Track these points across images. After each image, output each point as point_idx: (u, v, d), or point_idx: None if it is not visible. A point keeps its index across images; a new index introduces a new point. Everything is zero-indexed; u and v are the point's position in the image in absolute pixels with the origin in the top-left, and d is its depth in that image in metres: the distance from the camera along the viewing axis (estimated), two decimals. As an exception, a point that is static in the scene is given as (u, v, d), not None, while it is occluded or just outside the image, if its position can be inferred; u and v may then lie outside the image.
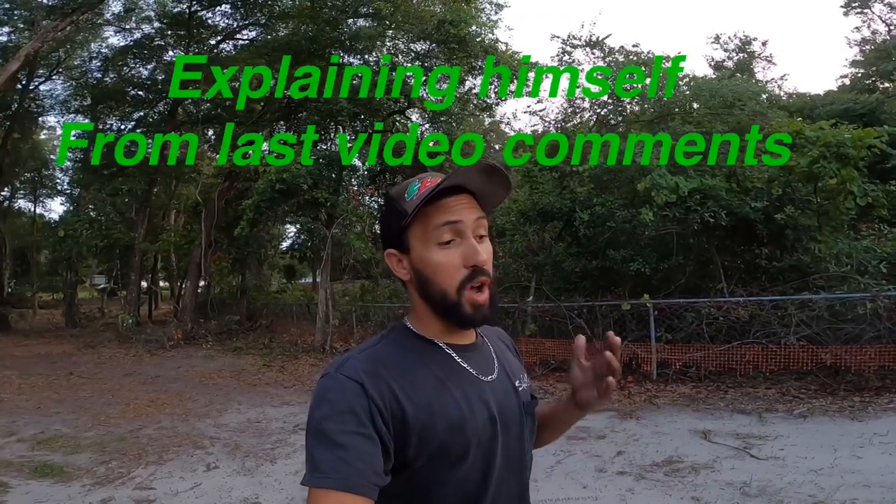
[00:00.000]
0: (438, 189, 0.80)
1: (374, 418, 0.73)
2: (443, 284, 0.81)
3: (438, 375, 0.81)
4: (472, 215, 0.82)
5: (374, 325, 10.14)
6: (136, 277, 15.18)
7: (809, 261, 6.43)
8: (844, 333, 5.64)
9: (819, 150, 5.98)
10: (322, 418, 0.74)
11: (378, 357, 0.81)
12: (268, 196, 9.47)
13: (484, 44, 11.00)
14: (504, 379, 0.89)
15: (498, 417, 0.83)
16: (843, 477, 3.40)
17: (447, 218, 0.81)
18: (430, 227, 0.81)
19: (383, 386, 0.76)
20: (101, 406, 6.45)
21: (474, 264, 0.81)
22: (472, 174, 0.82)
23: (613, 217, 7.24)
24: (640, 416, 5.19)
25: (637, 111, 9.42)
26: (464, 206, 0.82)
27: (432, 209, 0.81)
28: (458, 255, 0.81)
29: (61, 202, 25.00)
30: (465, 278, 0.81)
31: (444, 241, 0.81)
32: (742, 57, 19.41)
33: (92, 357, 10.69)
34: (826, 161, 5.93)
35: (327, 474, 0.70)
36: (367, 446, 0.72)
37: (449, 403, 0.79)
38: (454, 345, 0.86)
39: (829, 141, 5.98)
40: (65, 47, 15.53)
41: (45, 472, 4.12)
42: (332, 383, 0.77)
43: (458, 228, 0.81)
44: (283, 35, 13.05)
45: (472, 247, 0.81)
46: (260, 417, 5.84)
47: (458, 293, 0.81)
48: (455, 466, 0.78)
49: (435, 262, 0.81)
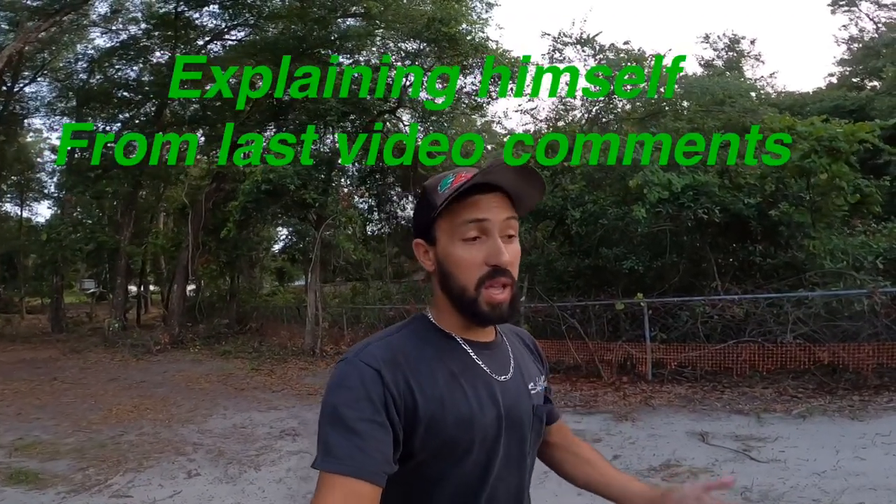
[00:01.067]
0: (471, 185, 0.79)
1: (388, 407, 0.74)
2: (462, 280, 0.82)
3: (452, 370, 0.82)
4: (501, 214, 0.82)
5: (365, 328, 10.00)
6: (122, 281, 14.94)
7: (804, 257, 6.36)
8: (841, 331, 5.57)
9: (810, 144, 5.91)
10: (339, 404, 0.74)
11: (396, 346, 0.81)
12: (254, 197, 9.31)
13: (475, 42, 10.91)
14: (518, 380, 0.90)
15: (504, 416, 0.83)
16: (847, 479, 3.30)
17: (474, 215, 0.81)
18: (456, 221, 0.82)
19: (399, 375, 0.77)
20: (82, 412, 6.32)
21: (496, 264, 0.80)
22: (505, 173, 0.81)
23: (606, 215, 7.16)
24: (636, 418, 5.08)
25: (628, 109, 9.36)
26: (494, 204, 0.82)
27: (462, 204, 0.81)
28: (481, 253, 0.81)
29: (48, 205, 24.60)
30: (484, 276, 0.81)
31: (470, 238, 0.81)
32: (731, 55, 19.50)
33: (77, 362, 10.50)
34: (817, 156, 5.87)
35: (342, 460, 0.70)
36: (381, 434, 0.73)
37: (459, 399, 0.80)
38: (472, 341, 0.87)
39: (820, 135, 5.92)
40: (50, 49, 15.28)
41: (20, 478, 4.00)
42: (350, 369, 0.77)
43: (483, 226, 0.81)
44: (271, 35, 12.91)
45: (497, 246, 0.81)
46: (246, 423, 5.69)
47: (477, 290, 0.81)
48: (458, 461, 0.79)
49: (457, 256, 0.82)
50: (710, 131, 7.40)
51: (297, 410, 6.19)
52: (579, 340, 6.71)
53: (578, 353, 6.72)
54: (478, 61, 11.02)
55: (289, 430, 5.37)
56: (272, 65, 11.34)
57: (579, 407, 5.63)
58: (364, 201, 13.12)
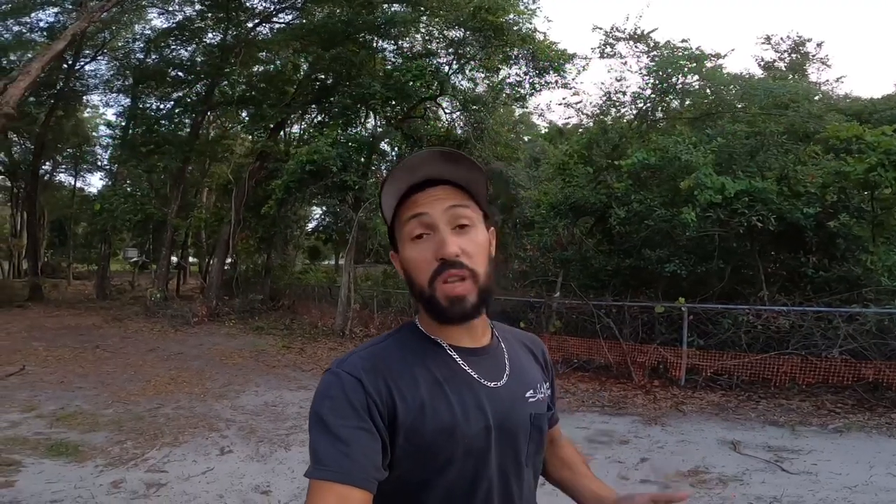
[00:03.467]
0: (408, 186, 0.80)
1: (372, 413, 0.74)
2: (418, 280, 0.81)
3: (437, 377, 0.80)
4: (441, 205, 0.80)
5: (395, 311, 10.11)
6: (166, 252, 15.55)
7: (860, 272, 6.06)
8: (890, 349, 5.37)
9: (878, 156, 5.60)
10: (323, 412, 0.75)
11: (379, 355, 0.81)
12: (297, 177, 9.50)
13: (521, 33, 10.72)
14: (513, 387, 0.86)
15: (494, 427, 0.81)
16: (877, 495, 3.24)
17: (413, 211, 0.80)
18: (401, 223, 0.82)
19: (380, 382, 0.76)
20: (122, 382, 6.49)
21: (442, 256, 0.78)
22: (428, 164, 0.80)
23: (652, 215, 6.94)
24: (666, 423, 4.98)
25: (678, 108, 9.03)
26: (434, 197, 0.80)
27: (404, 206, 0.81)
28: (429, 249, 0.79)
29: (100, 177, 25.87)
30: (434, 272, 0.79)
31: (416, 236, 0.80)
32: (795, 58, 18.52)
33: (118, 331, 10.89)
34: (884, 169, 5.55)
35: (329, 467, 0.71)
36: (367, 441, 0.73)
37: (442, 407, 0.78)
38: (460, 347, 0.84)
39: (889, 148, 5.59)
40: (110, 28, 15.90)
41: (60, 451, 4.08)
42: (333, 379, 0.78)
43: (425, 221, 0.80)
44: (318, 18, 13.04)
45: (440, 239, 0.79)
46: (276, 401, 5.81)
47: (431, 286, 0.79)
48: (440, 471, 0.78)
49: (408, 257, 0.81)
50: (772, 136, 7.05)
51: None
52: (612, 340, 6.61)
53: (610, 353, 6.62)
54: (523, 52, 10.85)
55: None
56: (318, 48, 11.47)
57: (607, 407, 5.56)
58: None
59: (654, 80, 8.30)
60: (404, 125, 12.03)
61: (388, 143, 13.14)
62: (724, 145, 6.98)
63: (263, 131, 14.33)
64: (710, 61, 8.21)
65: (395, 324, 9.63)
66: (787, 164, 6.77)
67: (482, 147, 11.26)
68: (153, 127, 14.91)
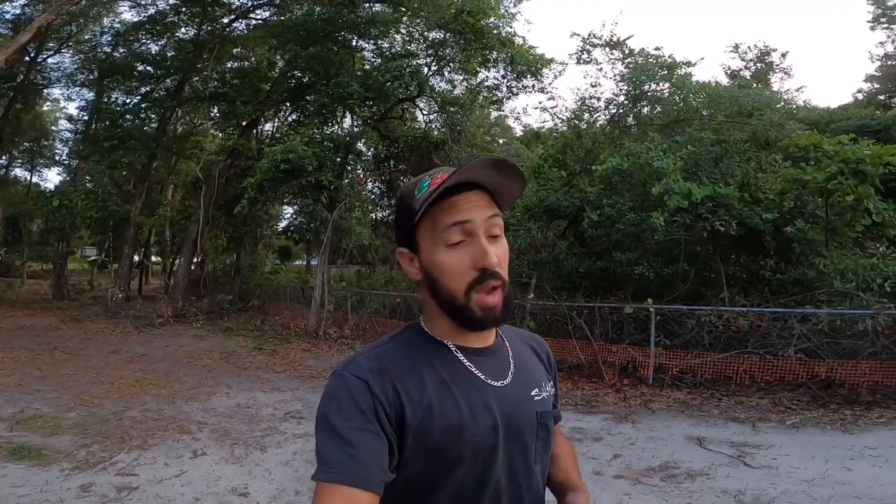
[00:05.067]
0: (447, 186, 0.77)
1: (380, 416, 0.74)
2: (451, 286, 0.79)
3: (443, 378, 0.80)
4: (483, 214, 0.79)
5: (369, 312, 10.06)
6: (129, 251, 15.00)
7: (814, 275, 6.40)
8: (841, 348, 5.65)
9: (838, 165, 5.92)
10: (330, 415, 0.74)
11: (385, 356, 0.80)
12: (271, 175, 9.34)
13: (501, 36, 10.86)
14: (518, 385, 0.86)
15: (502, 426, 0.81)
16: (834, 488, 3.42)
17: (456, 218, 0.78)
18: (438, 226, 0.79)
19: (387, 384, 0.76)
20: (84, 385, 6.22)
21: (483, 266, 0.78)
22: (481, 169, 0.78)
23: (622, 219, 7.15)
24: (636, 420, 5.15)
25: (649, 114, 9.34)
26: (474, 203, 0.79)
27: (441, 208, 0.78)
28: (467, 257, 0.78)
29: (58, 172, 24.73)
30: (473, 281, 0.78)
31: (454, 242, 0.79)
32: (759, 67, 19.34)
33: (78, 332, 10.43)
34: (844, 177, 5.88)
35: (336, 469, 0.70)
36: (374, 443, 0.73)
37: (450, 407, 0.78)
38: (466, 347, 0.84)
39: (847, 157, 5.93)
40: (77, 21, 15.31)
41: (23, 454, 3.91)
42: (339, 381, 0.77)
43: (467, 228, 0.78)
44: (297, 16, 12.87)
45: (482, 248, 0.78)
46: (250, 403, 5.70)
47: (467, 296, 0.78)
48: (449, 471, 0.77)
49: (443, 263, 0.79)
50: (735, 143, 7.37)
51: (300, 392, 6.16)
52: (584, 340, 6.77)
53: (582, 353, 6.79)
54: (502, 55, 11.00)
55: (293, 412, 5.37)
56: (296, 45, 11.31)
57: (580, 406, 5.70)
58: (377, 187, 13.16)
59: (627, 87, 8.56)
60: (381, 125, 12.01)
61: (364, 143, 13.09)
62: (692, 153, 7.27)
63: (235, 128, 14.04)
64: (681, 69, 8.51)
65: (370, 325, 9.64)
66: (749, 171, 7.09)
67: (458, 149, 11.35)
68: (118, 122, 14.36)
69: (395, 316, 9.39)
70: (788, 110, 9.97)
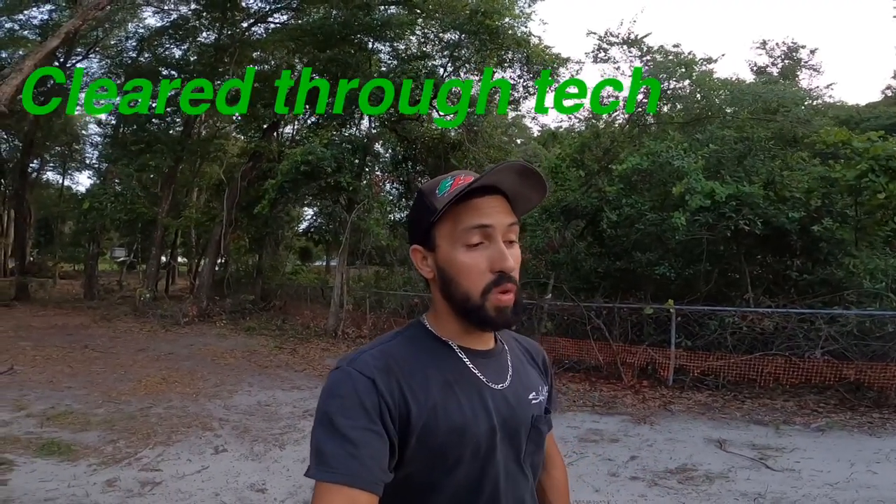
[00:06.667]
0: (470, 188, 0.78)
1: (384, 415, 0.73)
2: (467, 287, 0.80)
3: (447, 378, 0.80)
4: (504, 220, 0.80)
5: (388, 313, 10.13)
6: (156, 252, 15.42)
7: (842, 275, 6.21)
8: (871, 350, 5.50)
9: (868, 163, 5.74)
10: (332, 412, 0.73)
11: (390, 354, 0.80)
12: (291, 177, 9.50)
13: (516, 36, 10.83)
14: (516, 389, 0.87)
15: (499, 427, 0.81)
16: (858, 491, 3.34)
17: (478, 220, 0.79)
18: (459, 227, 0.80)
19: (393, 383, 0.76)
20: (112, 382, 6.41)
21: (501, 269, 0.79)
22: (507, 174, 0.79)
23: (642, 219, 7.06)
24: (655, 422, 5.08)
25: (669, 112, 9.19)
26: (496, 208, 0.80)
27: (463, 209, 0.79)
28: (485, 259, 0.79)
29: (88, 175, 25.59)
30: (490, 283, 0.79)
31: (473, 244, 0.79)
32: (787, 63, 18.81)
33: (107, 330, 10.74)
34: (874, 175, 5.69)
35: (336, 469, 0.69)
36: (376, 443, 0.72)
37: (454, 408, 0.78)
38: (469, 349, 0.85)
39: (878, 154, 5.74)
40: (103, 26, 15.76)
41: (52, 450, 4.04)
42: (343, 377, 0.76)
43: (488, 232, 0.79)
44: (314, 19, 13.05)
45: (501, 252, 0.79)
46: (270, 401, 5.81)
47: (482, 297, 0.79)
48: (449, 471, 0.77)
49: (461, 263, 0.80)
50: (760, 141, 7.18)
51: (319, 392, 6.28)
52: (602, 341, 6.71)
53: (601, 354, 6.72)
54: (518, 55, 10.96)
55: (312, 410, 5.34)
56: (314, 48, 11.47)
57: (598, 407, 5.64)
58: (395, 188, 13.24)
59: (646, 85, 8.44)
60: (399, 127, 12.10)
61: (381, 144, 13.20)
62: (715, 151, 7.12)
63: (257, 131, 14.32)
64: (702, 66, 8.34)
65: (388, 325, 9.71)
66: (774, 169, 6.91)
67: (475, 150, 11.36)
68: (144, 126, 14.81)
69: (413, 316, 9.35)
70: (816, 107, 9.69)
